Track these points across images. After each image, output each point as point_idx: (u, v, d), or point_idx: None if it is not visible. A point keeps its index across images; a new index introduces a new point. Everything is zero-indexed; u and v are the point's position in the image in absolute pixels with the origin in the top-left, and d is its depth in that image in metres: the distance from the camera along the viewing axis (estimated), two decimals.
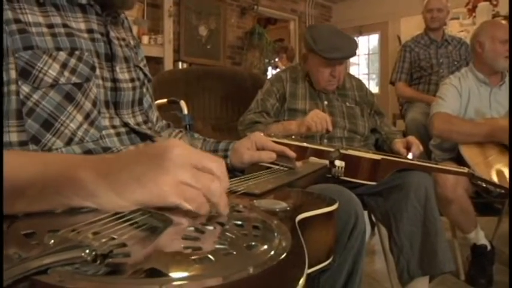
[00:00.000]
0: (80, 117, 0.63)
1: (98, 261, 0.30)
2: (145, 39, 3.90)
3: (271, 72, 5.51)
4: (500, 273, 1.78)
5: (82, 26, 0.68)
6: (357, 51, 1.71)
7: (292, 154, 0.84)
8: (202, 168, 0.42)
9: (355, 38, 6.08)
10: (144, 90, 0.82)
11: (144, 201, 0.40)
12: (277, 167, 0.83)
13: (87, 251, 0.31)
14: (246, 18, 5.23)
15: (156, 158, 0.40)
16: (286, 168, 0.82)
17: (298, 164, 0.88)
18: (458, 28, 4.24)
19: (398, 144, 1.55)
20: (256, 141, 0.85)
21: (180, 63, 4.33)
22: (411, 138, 1.53)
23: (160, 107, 1.44)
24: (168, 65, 4.07)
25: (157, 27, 4.14)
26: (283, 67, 4.78)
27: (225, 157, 0.88)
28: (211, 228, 0.39)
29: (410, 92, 2.76)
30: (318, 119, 1.46)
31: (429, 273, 1.33)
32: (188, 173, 0.40)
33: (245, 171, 0.86)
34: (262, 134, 0.89)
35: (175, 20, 4.35)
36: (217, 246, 0.34)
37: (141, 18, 3.96)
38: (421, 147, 1.51)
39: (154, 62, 3.96)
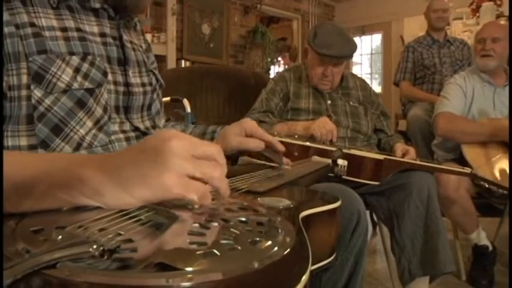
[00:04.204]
0: (90, 123, 0.63)
1: (106, 256, 0.31)
2: (148, 37, 3.88)
3: (273, 71, 5.51)
4: (502, 274, 1.78)
5: (95, 29, 0.68)
6: (353, 54, 1.68)
7: (280, 147, 0.78)
8: (201, 155, 0.42)
9: (358, 38, 6.03)
10: (155, 96, 0.82)
11: (151, 197, 0.40)
12: (261, 162, 0.79)
13: (95, 246, 0.31)
14: (249, 17, 5.24)
15: (157, 153, 0.40)
16: (271, 164, 0.78)
17: (286, 160, 0.83)
18: (462, 28, 4.23)
19: (399, 148, 1.57)
20: (246, 128, 0.80)
21: (183, 62, 4.33)
22: (412, 151, 1.55)
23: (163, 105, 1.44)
24: (171, 64, 4.07)
25: (160, 26, 4.15)
26: (286, 66, 4.78)
27: (211, 139, 0.86)
28: (215, 224, 0.39)
29: (415, 91, 2.76)
30: (324, 130, 1.46)
31: (430, 273, 1.34)
32: (189, 165, 0.41)
33: (238, 160, 0.82)
34: (253, 121, 0.83)
35: (179, 18, 4.35)
36: (222, 241, 0.35)
37: (144, 16, 3.97)
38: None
39: (157, 60, 3.95)
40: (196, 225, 0.39)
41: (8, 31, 0.57)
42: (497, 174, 1.65)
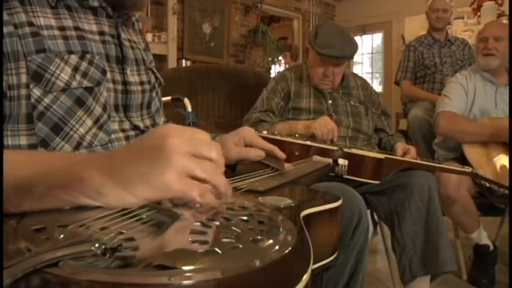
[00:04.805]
0: (89, 122, 0.63)
1: (108, 255, 0.31)
2: (149, 36, 3.90)
3: (274, 70, 5.50)
4: (503, 273, 1.77)
5: (94, 27, 0.68)
6: (354, 55, 1.68)
7: (281, 155, 0.76)
8: (201, 155, 0.42)
9: (359, 37, 6.00)
10: (154, 94, 0.82)
11: (152, 196, 0.40)
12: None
13: (97, 245, 0.31)
14: (249, 16, 5.23)
15: (156, 151, 0.41)
16: (273, 170, 0.76)
17: (287, 166, 0.81)
18: (463, 28, 4.22)
19: (399, 147, 1.58)
20: (245, 137, 0.77)
21: (183, 61, 4.33)
22: (412, 150, 1.55)
23: (164, 105, 1.45)
24: (172, 63, 4.07)
25: (161, 25, 4.15)
26: (287, 65, 4.78)
27: None
28: (217, 223, 0.39)
29: (416, 90, 2.76)
30: (325, 129, 1.47)
31: (431, 272, 1.34)
32: (189, 163, 0.41)
33: (237, 168, 0.80)
34: (252, 130, 0.80)
35: (179, 18, 4.35)
36: (224, 240, 0.35)
37: (145, 15, 3.97)
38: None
39: (158, 59, 3.96)
40: (198, 223, 0.39)
41: (7, 31, 0.57)
42: (498, 173, 1.65)
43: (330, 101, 1.66)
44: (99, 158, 0.44)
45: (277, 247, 0.34)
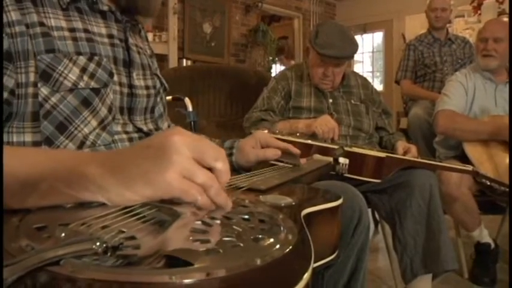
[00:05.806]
0: (94, 123, 0.64)
1: (109, 253, 0.31)
2: (149, 36, 3.90)
3: (275, 69, 5.50)
4: (504, 271, 1.77)
5: (103, 31, 0.70)
6: (354, 55, 1.68)
7: (296, 151, 0.83)
8: (204, 163, 0.42)
9: (360, 36, 5.99)
10: (158, 99, 0.83)
11: (153, 195, 0.41)
12: (282, 164, 0.83)
13: (98, 243, 0.31)
14: (250, 16, 5.23)
15: (160, 149, 0.41)
16: (290, 165, 0.82)
17: (303, 161, 0.88)
18: (464, 26, 4.21)
19: (400, 146, 1.57)
20: (261, 139, 0.85)
21: (184, 61, 4.33)
22: (413, 148, 1.55)
23: None
24: (173, 62, 4.07)
25: (161, 25, 4.14)
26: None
27: (229, 155, 0.88)
28: (218, 221, 0.40)
29: (415, 89, 2.76)
30: (326, 128, 1.47)
31: (432, 271, 1.34)
32: (190, 166, 0.41)
33: (252, 170, 0.85)
34: (265, 132, 0.88)
35: (180, 17, 4.35)
36: (225, 238, 0.35)
37: None
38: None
39: (159, 59, 3.95)
40: (199, 222, 0.39)
41: (19, 30, 0.58)
42: (498, 171, 1.65)
43: (331, 100, 1.66)
44: (103, 156, 0.45)
45: (278, 246, 0.34)
